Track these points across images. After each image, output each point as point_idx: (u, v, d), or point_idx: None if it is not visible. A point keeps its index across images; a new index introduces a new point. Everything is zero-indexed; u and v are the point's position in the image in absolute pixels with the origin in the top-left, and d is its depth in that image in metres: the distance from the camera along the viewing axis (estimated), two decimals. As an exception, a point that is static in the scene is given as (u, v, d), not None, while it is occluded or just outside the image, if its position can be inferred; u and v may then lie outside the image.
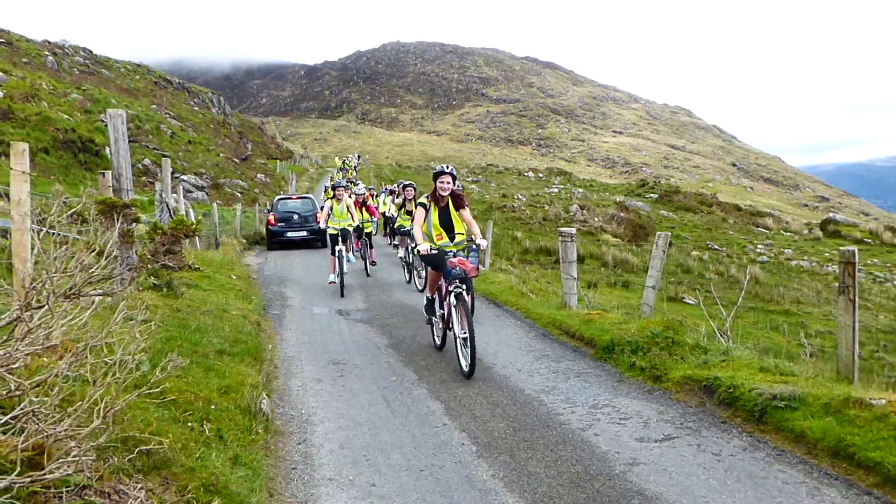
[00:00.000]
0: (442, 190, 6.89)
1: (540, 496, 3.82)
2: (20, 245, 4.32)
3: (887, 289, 20.32)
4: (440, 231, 6.99)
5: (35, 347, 2.81)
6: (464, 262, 6.50)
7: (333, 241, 11.89)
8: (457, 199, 7.05)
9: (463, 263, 6.48)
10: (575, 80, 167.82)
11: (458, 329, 6.38)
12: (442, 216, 7.05)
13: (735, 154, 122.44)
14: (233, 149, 48.38)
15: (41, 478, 2.45)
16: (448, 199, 7.04)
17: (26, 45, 45.49)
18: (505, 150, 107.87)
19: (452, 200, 7.06)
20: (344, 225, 12.04)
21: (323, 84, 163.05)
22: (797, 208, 78.54)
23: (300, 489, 3.94)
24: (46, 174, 23.85)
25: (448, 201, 7.06)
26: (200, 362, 5.30)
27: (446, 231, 7.02)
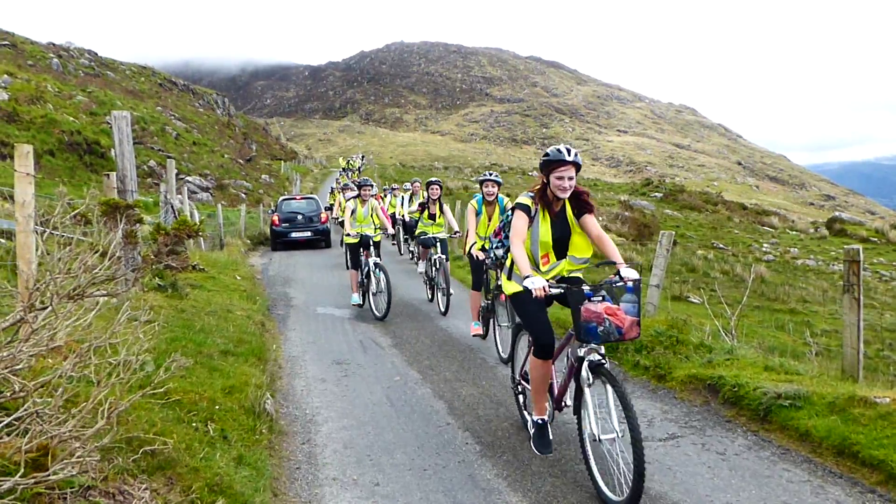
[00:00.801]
0: (560, 189, 4.03)
1: (543, 495, 3.82)
2: (24, 247, 4.34)
3: (893, 287, 20.23)
4: (548, 250, 4.23)
5: (39, 348, 2.82)
6: (614, 312, 3.77)
7: (353, 252, 9.95)
8: (580, 202, 4.21)
9: (613, 314, 3.76)
10: (579, 80, 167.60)
11: (603, 432, 3.75)
12: (557, 228, 4.22)
13: (740, 153, 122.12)
14: (237, 150, 48.48)
15: (45, 479, 2.46)
16: (565, 202, 4.20)
17: (31, 47, 45.69)
18: (509, 150, 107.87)
19: (573, 204, 4.22)
20: (366, 231, 9.77)
21: (327, 85, 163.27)
22: (803, 207, 78.28)
23: (304, 489, 3.94)
24: (52, 176, 23.94)
25: (565, 205, 4.22)
26: (205, 363, 5.31)
27: (556, 252, 4.27)
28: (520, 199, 4.26)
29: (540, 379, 4.19)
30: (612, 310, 3.75)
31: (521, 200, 4.24)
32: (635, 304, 3.78)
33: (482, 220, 7.41)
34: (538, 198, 4.21)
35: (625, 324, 3.74)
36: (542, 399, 4.27)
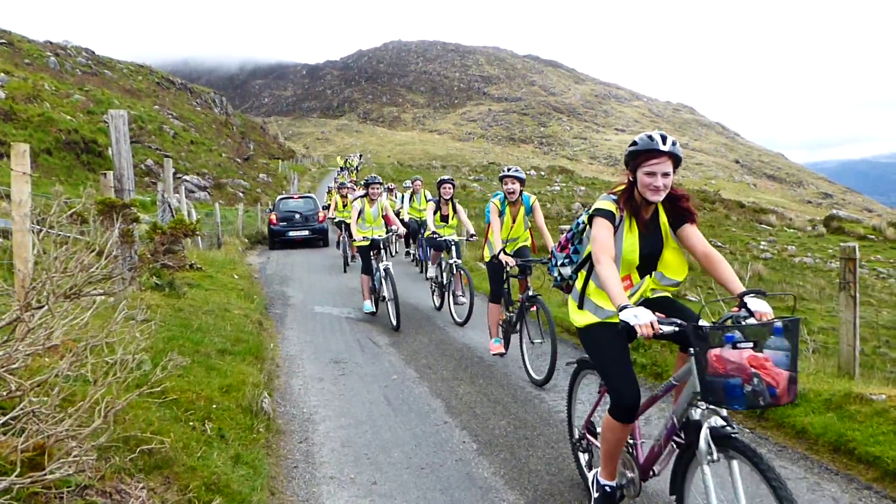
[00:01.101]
0: (651, 189, 3.07)
1: (540, 493, 3.82)
2: (21, 245, 4.34)
3: (890, 284, 20.27)
4: (631, 270, 3.30)
5: (35, 347, 2.82)
6: (762, 364, 2.57)
7: (364, 256, 9.25)
8: (678, 208, 3.25)
9: (761, 366, 2.57)
10: (577, 78, 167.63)
11: None
12: (647, 241, 3.25)
13: (738, 151, 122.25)
14: (235, 149, 48.44)
15: (42, 478, 2.46)
16: (658, 207, 3.26)
17: (28, 45, 45.59)
18: (507, 149, 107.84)
19: (667, 210, 3.28)
20: (377, 233, 9.17)
21: (325, 83, 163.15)
22: (800, 205, 78.38)
23: (301, 488, 3.95)
24: (49, 175, 23.90)
25: (657, 212, 3.27)
26: (202, 361, 5.31)
27: (641, 271, 3.32)
28: (599, 204, 3.22)
29: (615, 442, 3.29)
30: (758, 360, 2.54)
31: (602, 205, 3.19)
32: (789, 352, 2.58)
33: (505, 221, 6.68)
34: (623, 202, 3.19)
35: (779, 382, 2.54)
36: (614, 462, 3.41)
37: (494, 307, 6.78)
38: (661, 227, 3.28)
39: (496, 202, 6.60)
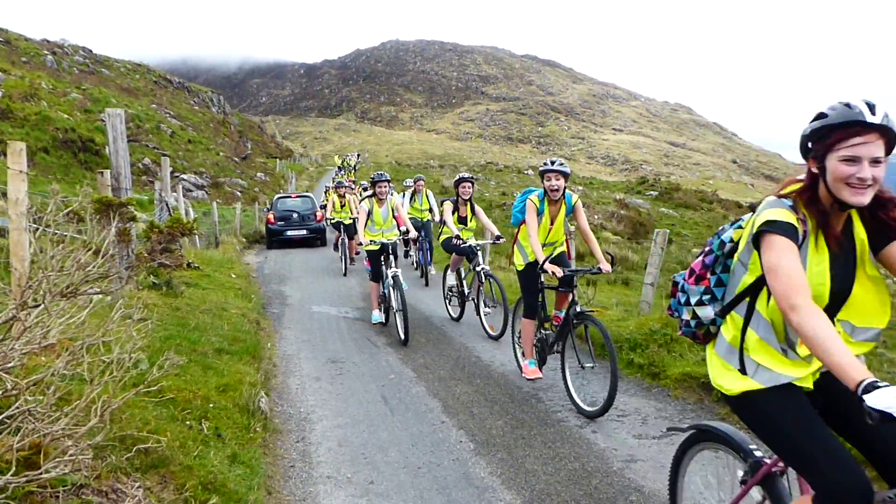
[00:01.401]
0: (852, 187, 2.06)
1: (537, 493, 3.82)
2: (17, 244, 4.33)
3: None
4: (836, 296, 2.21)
5: (32, 346, 2.81)
6: None
7: (374, 261, 8.32)
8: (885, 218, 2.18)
9: None
10: (574, 78, 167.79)
11: None
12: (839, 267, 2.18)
13: (736, 151, 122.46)
14: (233, 148, 48.40)
15: (37, 477, 2.45)
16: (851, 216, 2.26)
17: (25, 44, 45.52)
18: (504, 149, 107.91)
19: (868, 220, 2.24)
20: (388, 236, 8.32)
21: (322, 83, 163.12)
22: (797, 205, 78.38)
23: (298, 487, 3.94)
24: (46, 174, 23.87)
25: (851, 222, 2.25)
26: (199, 361, 5.31)
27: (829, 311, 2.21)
28: (772, 213, 2.13)
29: None
30: None
31: (778, 216, 2.11)
32: None
33: (543, 222, 5.79)
34: (805, 205, 2.16)
35: None
36: None
37: (529, 323, 5.85)
38: (856, 246, 2.20)
39: (534, 199, 5.73)
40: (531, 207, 5.71)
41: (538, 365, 5.94)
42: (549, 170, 5.61)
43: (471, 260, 8.31)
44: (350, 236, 14.09)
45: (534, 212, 5.69)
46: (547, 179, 5.60)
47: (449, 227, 8.59)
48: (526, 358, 6.02)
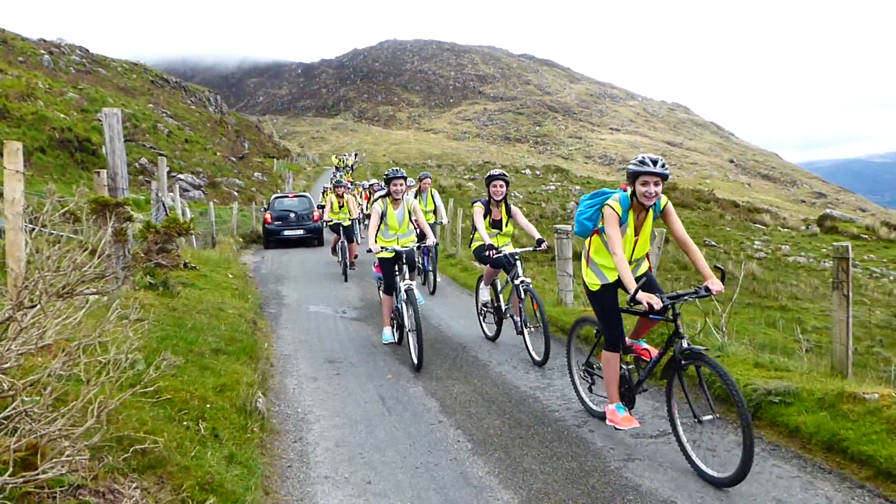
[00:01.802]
0: None
1: (535, 492, 3.83)
2: (14, 244, 4.32)
3: (883, 284, 20.36)
4: None
5: (28, 347, 2.80)
6: None
7: (387, 271, 7.29)
8: None
9: None
10: (572, 78, 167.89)
11: None
12: None
13: (732, 151, 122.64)
14: (230, 147, 48.33)
15: (34, 478, 2.45)
16: None
17: (22, 43, 45.40)
18: (502, 148, 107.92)
19: None
20: (406, 242, 7.32)
21: (320, 82, 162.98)
22: (794, 204, 78.68)
23: (296, 487, 3.94)
24: (43, 174, 23.81)
25: None
26: (196, 361, 5.30)
27: None
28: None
29: None
30: None
31: None
32: None
33: (628, 234, 4.45)
34: None
35: None
36: None
37: (613, 357, 4.60)
38: None
39: (614, 206, 4.36)
40: (611, 217, 4.37)
41: (628, 410, 4.64)
42: (648, 172, 4.18)
43: (508, 271, 7.16)
44: (350, 239, 13.46)
45: (615, 222, 4.35)
46: (643, 184, 4.22)
47: (480, 234, 7.22)
48: (611, 401, 4.65)
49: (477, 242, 7.45)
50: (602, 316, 4.70)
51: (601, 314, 4.71)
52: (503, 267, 7.27)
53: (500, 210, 7.49)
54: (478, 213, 7.34)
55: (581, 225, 4.71)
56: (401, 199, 7.32)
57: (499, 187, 7.35)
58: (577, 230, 4.78)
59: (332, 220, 13.77)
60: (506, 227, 7.51)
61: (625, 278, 4.22)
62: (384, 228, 7.35)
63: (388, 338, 7.54)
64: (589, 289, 4.72)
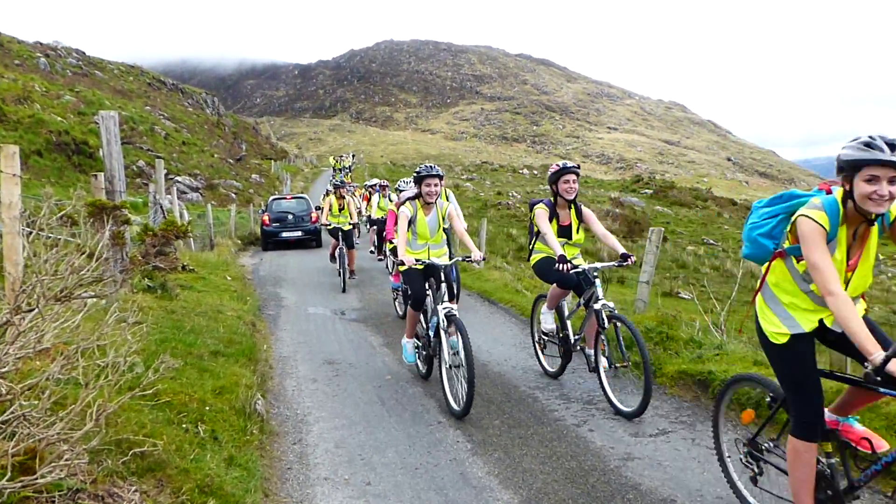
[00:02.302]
0: None
1: (535, 492, 3.83)
2: (11, 248, 4.31)
3: (881, 281, 20.41)
4: None
5: (26, 351, 2.80)
6: None
7: (416, 283, 5.90)
8: None
9: None
10: (569, 77, 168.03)
11: None
12: None
13: (730, 149, 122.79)
14: (227, 149, 48.30)
15: (33, 482, 2.45)
16: None
17: (18, 46, 45.34)
18: (500, 148, 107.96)
19: None
20: (438, 254, 6.20)
21: (317, 83, 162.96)
22: (792, 202, 78.62)
23: (295, 489, 3.94)
24: (40, 177, 23.78)
25: None
26: (195, 363, 5.29)
27: None
28: None
29: None
30: None
31: None
32: None
33: (838, 257, 2.87)
34: None
35: None
36: None
37: (808, 449, 3.01)
38: None
39: (817, 216, 2.81)
40: (813, 234, 2.79)
41: None
42: (880, 161, 2.63)
43: (581, 292, 5.69)
44: (350, 245, 12.36)
45: (820, 240, 2.78)
46: (868, 180, 2.66)
47: (549, 243, 5.61)
48: None
49: (540, 254, 5.95)
50: (789, 382, 3.10)
51: (788, 379, 3.11)
52: (576, 287, 5.73)
53: (570, 213, 5.90)
54: (542, 217, 5.76)
55: (754, 244, 3.20)
56: (433, 202, 6.06)
57: (571, 183, 5.73)
58: (748, 252, 3.26)
59: (330, 223, 12.70)
60: (576, 235, 5.90)
61: (854, 333, 2.62)
62: (412, 238, 6.13)
63: (412, 357, 6.18)
64: (769, 340, 3.14)
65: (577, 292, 5.75)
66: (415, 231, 6.10)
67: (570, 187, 5.75)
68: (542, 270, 5.96)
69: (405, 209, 6.02)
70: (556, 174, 5.79)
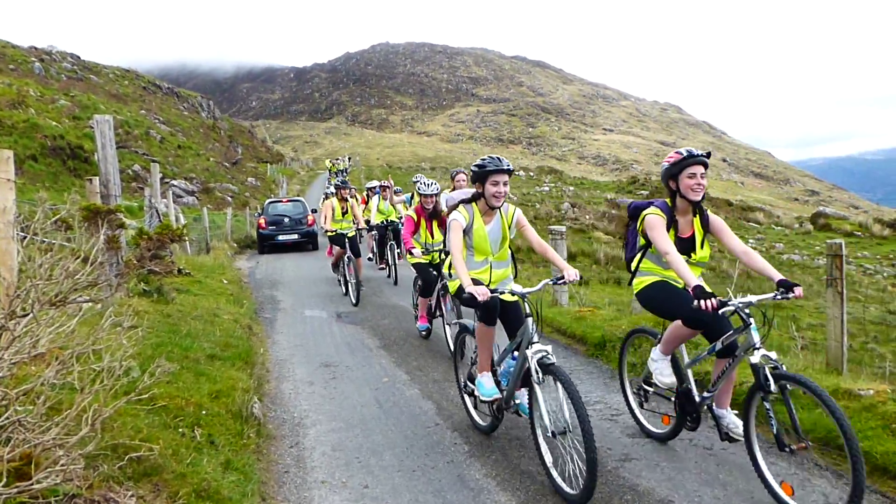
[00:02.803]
0: None
1: (532, 494, 3.82)
2: (5, 253, 4.30)
3: (877, 280, 20.44)
4: None
5: (21, 356, 2.79)
6: None
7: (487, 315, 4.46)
8: None
9: None
10: (564, 79, 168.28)
11: None
12: None
13: (725, 150, 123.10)
14: (223, 153, 48.25)
15: (28, 488, 2.44)
16: None
17: (12, 51, 45.26)
18: (496, 150, 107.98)
19: None
20: (503, 277, 4.73)
21: (312, 86, 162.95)
22: (788, 202, 78.93)
23: (293, 493, 3.93)
24: (35, 181, 23.71)
25: None
26: (191, 367, 5.28)
27: None
28: None
29: None
30: None
31: None
32: None
33: None
34: None
35: None
36: None
37: None
38: None
39: None
40: None
41: None
42: None
43: (717, 333, 3.99)
44: (357, 253, 10.74)
45: None
46: None
47: (675, 266, 3.89)
48: None
49: (650, 277, 4.32)
50: None
51: None
52: (715, 328, 3.97)
53: (692, 221, 4.21)
54: (659, 228, 4.06)
55: None
56: (500, 206, 4.49)
57: (699, 178, 4.03)
58: None
59: (334, 230, 10.92)
60: (700, 251, 4.19)
61: None
62: (466, 254, 4.61)
63: (493, 391, 4.49)
64: None
65: (714, 333, 4.00)
66: (470, 244, 4.58)
67: (697, 184, 4.04)
68: (657, 301, 4.31)
69: (458, 215, 4.51)
70: (677, 165, 4.10)
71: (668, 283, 4.26)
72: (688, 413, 4.25)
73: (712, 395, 4.06)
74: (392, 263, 12.59)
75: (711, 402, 4.09)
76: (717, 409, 4.07)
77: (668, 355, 4.36)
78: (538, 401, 3.94)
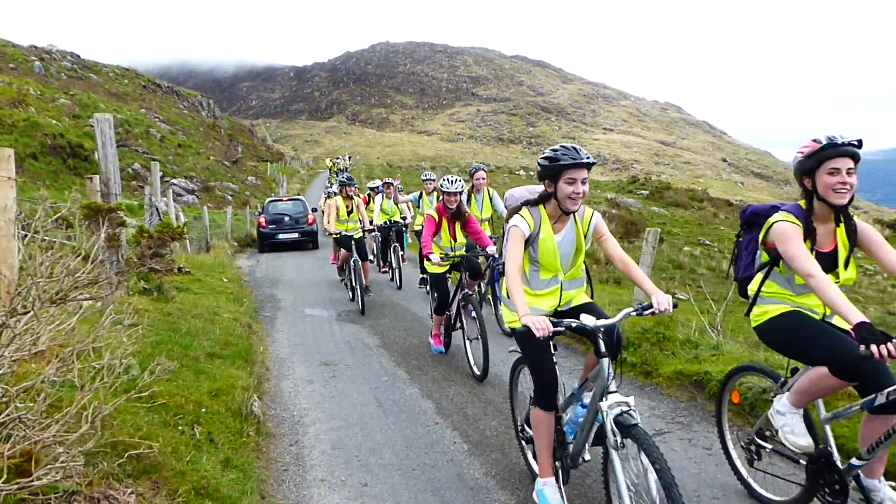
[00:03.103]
0: None
1: (531, 493, 3.82)
2: (6, 251, 4.30)
3: (877, 281, 20.46)
4: None
5: (21, 353, 2.79)
6: None
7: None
8: None
9: None
10: (564, 79, 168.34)
11: None
12: None
13: (726, 150, 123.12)
14: (223, 152, 48.26)
15: (28, 485, 2.44)
16: None
17: (12, 50, 45.26)
18: (496, 149, 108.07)
19: None
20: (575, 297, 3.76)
21: (313, 85, 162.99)
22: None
23: (292, 491, 3.93)
24: (35, 180, 23.72)
25: None
26: (191, 365, 5.29)
27: None
28: None
29: None
30: None
31: None
32: None
33: None
34: None
35: None
36: None
37: None
38: None
39: None
40: None
41: None
42: None
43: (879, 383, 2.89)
44: (363, 256, 10.21)
45: None
46: None
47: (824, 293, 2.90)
48: None
49: (778, 306, 3.33)
50: None
51: None
52: (873, 377, 2.91)
53: (835, 231, 3.21)
54: (795, 239, 3.09)
55: None
56: (575, 210, 3.53)
57: (844, 174, 3.06)
58: None
59: (339, 231, 10.32)
60: (845, 272, 3.21)
61: None
62: (529, 271, 3.63)
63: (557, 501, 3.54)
64: None
65: (867, 384, 2.95)
66: (534, 258, 3.58)
67: (841, 183, 3.06)
68: (792, 340, 3.24)
69: (520, 221, 3.51)
70: (814, 157, 3.10)
71: (806, 316, 3.23)
72: (826, 483, 3.20)
73: (866, 462, 3.03)
74: (396, 266, 12.18)
75: (860, 467, 3.07)
76: (867, 480, 3.10)
77: (800, 408, 3.32)
78: (615, 471, 2.97)
